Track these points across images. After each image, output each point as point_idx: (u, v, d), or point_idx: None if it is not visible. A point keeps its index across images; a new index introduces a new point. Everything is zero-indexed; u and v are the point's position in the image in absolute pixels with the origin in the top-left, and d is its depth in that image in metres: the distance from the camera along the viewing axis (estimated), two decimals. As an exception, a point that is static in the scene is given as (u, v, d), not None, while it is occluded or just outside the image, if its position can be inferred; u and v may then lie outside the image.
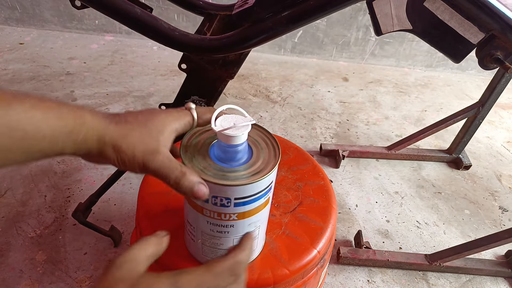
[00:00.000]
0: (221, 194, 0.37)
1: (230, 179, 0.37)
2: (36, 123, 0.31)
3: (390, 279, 0.92)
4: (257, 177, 0.37)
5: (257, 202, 0.40)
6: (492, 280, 0.95)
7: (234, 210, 0.39)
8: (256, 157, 0.40)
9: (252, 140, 0.42)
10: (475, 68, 1.87)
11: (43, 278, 0.84)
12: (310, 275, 0.56)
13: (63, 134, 0.32)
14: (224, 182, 0.37)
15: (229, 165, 0.39)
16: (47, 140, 0.32)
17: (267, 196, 0.42)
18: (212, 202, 0.39)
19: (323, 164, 1.24)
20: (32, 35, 1.77)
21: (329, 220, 0.59)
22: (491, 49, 0.59)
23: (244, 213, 0.40)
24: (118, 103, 1.41)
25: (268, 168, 0.38)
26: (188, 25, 1.78)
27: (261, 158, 0.40)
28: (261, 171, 0.38)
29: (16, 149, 0.31)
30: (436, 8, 0.58)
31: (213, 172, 0.38)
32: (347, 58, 1.88)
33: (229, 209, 0.39)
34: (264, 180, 0.38)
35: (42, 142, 0.32)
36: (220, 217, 0.40)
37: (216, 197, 0.38)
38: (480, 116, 1.16)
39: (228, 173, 0.38)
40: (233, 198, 0.38)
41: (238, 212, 0.40)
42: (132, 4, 0.62)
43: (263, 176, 0.37)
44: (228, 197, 0.38)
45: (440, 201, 1.16)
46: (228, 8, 0.71)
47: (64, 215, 0.98)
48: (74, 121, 0.33)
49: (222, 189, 0.37)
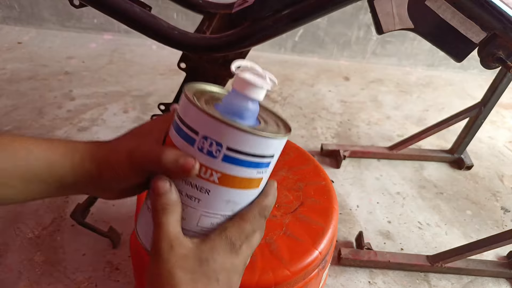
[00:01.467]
0: (213, 135, 0.30)
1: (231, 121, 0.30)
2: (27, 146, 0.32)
3: (392, 281, 0.92)
4: (264, 133, 0.31)
5: (250, 171, 0.32)
6: (494, 281, 0.94)
7: (220, 166, 0.31)
8: (263, 126, 0.34)
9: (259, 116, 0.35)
10: (477, 68, 1.86)
11: (41, 279, 0.83)
12: (312, 276, 0.56)
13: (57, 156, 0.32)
14: (224, 119, 0.29)
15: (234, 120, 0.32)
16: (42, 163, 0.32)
17: (263, 173, 0.34)
18: (198, 146, 0.30)
19: (324, 164, 1.23)
20: (31, 34, 1.77)
21: (330, 220, 0.59)
22: (493, 48, 0.58)
23: (229, 178, 0.32)
24: (117, 103, 1.40)
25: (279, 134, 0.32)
26: (188, 24, 1.77)
27: (268, 128, 0.34)
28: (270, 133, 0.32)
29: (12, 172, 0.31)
30: (438, 7, 0.57)
31: (212, 109, 0.31)
32: (348, 57, 1.87)
33: (215, 162, 0.31)
34: (271, 141, 0.31)
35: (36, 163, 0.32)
36: (199, 172, 0.31)
37: (206, 139, 0.30)
38: (482, 116, 1.15)
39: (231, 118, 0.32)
40: (225, 145, 0.30)
41: (223, 171, 0.31)
42: (131, 3, 0.61)
43: (270, 136, 0.31)
44: (220, 142, 0.30)
45: (442, 202, 1.15)
46: (227, 7, 0.70)
47: (62, 216, 0.97)
48: (65, 145, 0.33)
49: (218, 126, 0.29)
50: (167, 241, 0.31)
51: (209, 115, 0.29)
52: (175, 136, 0.32)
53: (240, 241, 0.33)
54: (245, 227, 0.33)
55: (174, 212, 0.32)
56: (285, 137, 0.33)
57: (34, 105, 1.35)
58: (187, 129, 0.31)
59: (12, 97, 1.38)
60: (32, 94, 1.40)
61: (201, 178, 0.32)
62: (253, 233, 0.34)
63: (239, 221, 0.33)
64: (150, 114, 0.79)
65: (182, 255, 0.31)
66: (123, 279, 0.85)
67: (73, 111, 1.34)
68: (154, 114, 0.78)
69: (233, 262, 0.33)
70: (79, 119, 1.31)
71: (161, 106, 0.78)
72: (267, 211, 0.35)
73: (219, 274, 0.32)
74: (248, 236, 0.34)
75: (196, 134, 0.30)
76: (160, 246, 0.31)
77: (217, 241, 0.32)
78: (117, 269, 0.86)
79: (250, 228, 0.34)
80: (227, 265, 0.32)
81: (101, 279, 0.84)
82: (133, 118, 1.33)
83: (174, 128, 0.33)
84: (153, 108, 1.38)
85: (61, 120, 1.29)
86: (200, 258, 0.31)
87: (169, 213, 0.31)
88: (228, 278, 0.32)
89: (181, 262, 0.31)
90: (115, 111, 1.36)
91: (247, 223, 0.33)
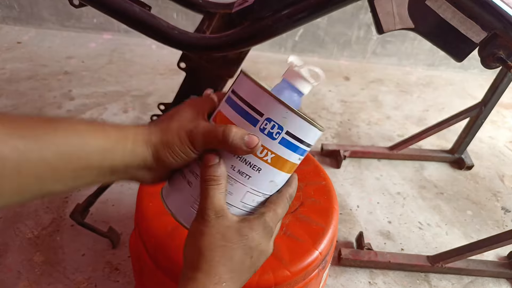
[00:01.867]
0: (277, 119, 0.33)
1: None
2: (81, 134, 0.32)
3: (392, 281, 0.91)
4: (318, 125, 0.35)
5: (295, 156, 0.36)
6: (494, 282, 0.94)
7: (276, 148, 0.34)
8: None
9: None
10: (478, 67, 1.86)
11: (41, 280, 0.83)
12: (312, 277, 0.55)
13: (110, 144, 0.33)
14: (290, 106, 0.32)
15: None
16: (95, 153, 0.32)
17: (300, 160, 0.37)
18: (260, 127, 0.33)
19: (324, 164, 1.23)
20: (30, 34, 1.76)
21: (330, 221, 0.58)
22: (494, 48, 0.58)
23: (280, 160, 0.35)
24: (117, 103, 1.40)
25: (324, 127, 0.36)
26: (188, 23, 1.77)
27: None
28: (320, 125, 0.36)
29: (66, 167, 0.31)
30: (438, 6, 0.57)
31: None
32: (348, 57, 1.87)
33: (273, 143, 0.34)
34: (319, 132, 0.35)
35: (90, 154, 0.32)
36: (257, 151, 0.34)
37: (270, 121, 0.33)
38: (482, 115, 1.15)
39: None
40: (286, 129, 0.33)
41: (277, 153, 0.34)
42: (130, 3, 0.61)
43: (321, 128, 0.35)
44: (282, 126, 0.33)
45: (442, 202, 1.15)
46: (227, 7, 0.70)
47: (62, 216, 0.97)
48: (116, 132, 0.34)
49: (284, 112, 0.33)
50: (214, 211, 0.34)
51: (278, 101, 0.32)
52: (234, 116, 0.34)
53: (275, 226, 0.37)
54: (278, 212, 0.36)
55: (221, 185, 0.34)
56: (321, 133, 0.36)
57: (33, 105, 1.34)
58: (251, 109, 0.33)
59: (11, 97, 1.37)
60: (32, 94, 1.40)
61: (257, 157, 0.34)
62: (281, 219, 0.38)
63: (273, 207, 0.36)
64: (150, 114, 0.79)
65: (226, 225, 0.34)
66: (122, 279, 0.85)
67: (73, 111, 1.34)
68: (154, 114, 0.78)
69: (268, 244, 0.36)
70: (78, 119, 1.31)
71: (160, 106, 0.78)
72: (292, 198, 0.39)
73: (253, 252, 0.35)
74: (280, 221, 0.38)
75: (261, 115, 0.33)
76: (207, 214, 0.34)
77: (256, 223, 0.35)
78: (116, 269, 0.86)
79: (281, 213, 0.37)
80: (262, 245, 0.35)
81: (101, 279, 0.84)
82: (133, 118, 1.33)
83: (232, 107, 0.35)
84: (153, 108, 1.38)
85: (61, 120, 1.29)
86: (241, 233, 0.34)
87: (217, 185, 0.34)
88: (258, 258, 0.36)
89: (224, 231, 0.34)
90: (114, 111, 1.36)
91: (279, 208, 0.37)
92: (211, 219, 0.34)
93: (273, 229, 0.36)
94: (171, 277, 0.52)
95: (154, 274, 0.54)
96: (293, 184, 0.39)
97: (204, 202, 0.34)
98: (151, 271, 0.54)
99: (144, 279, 0.61)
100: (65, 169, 0.31)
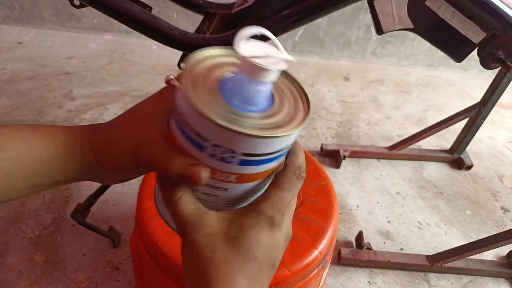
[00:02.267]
0: (225, 144, 0.27)
1: (243, 126, 0.26)
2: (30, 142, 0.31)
3: (391, 280, 0.92)
4: (280, 131, 0.27)
5: (268, 164, 0.30)
6: (493, 281, 0.94)
7: (236, 169, 0.28)
8: (278, 106, 0.30)
9: (275, 86, 0.31)
10: (477, 68, 1.86)
11: (41, 279, 0.83)
12: (311, 276, 0.56)
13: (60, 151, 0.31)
14: (236, 128, 0.26)
15: (243, 109, 0.28)
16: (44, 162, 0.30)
17: (281, 159, 0.31)
18: (209, 153, 0.27)
19: (324, 164, 1.23)
20: (31, 34, 1.77)
21: (330, 220, 0.59)
22: (493, 48, 0.58)
23: (247, 176, 0.29)
24: (117, 103, 1.40)
25: (295, 123, 0.28)
26: (188, 24, 1.77)
27: (284, 109, 0.30)
28: (285, 125, 0.28)
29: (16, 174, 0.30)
30: (438, 7, 0.57)
31: (221, 111, 0.27)
32: (348, 57, 1.87)
33: (231, 166, 0.28)
34: (287, 138, 0.28)
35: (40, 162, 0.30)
36: (214, 175, 0.29)
37: (218, 147, 0.27)
38: (481, 116, 1.15)
39: (241, 117, 0.27)
40: (240, 152, 0.27)
41: (240, 173, 0.29)
42: (131, 3, 0.61)
43: (286, 132, 0.27)
44: (233, 150, 0.27)
45: (441, 202, 1.15)
46: (228, 7, 0.70)
47: (62, 216, 0.97)
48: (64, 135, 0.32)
49: (230, 136, 0.26)
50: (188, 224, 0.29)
51: (217, 124, 0.25)
52: (180, 137, 0.29)
53: (281, 214, 0.30)
54: (285, 197, 0.30)
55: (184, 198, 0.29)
56: (304, 123, 0.29)
57: (34, 105, 1.35)
58: (194, 134, 0.27)
59: (12, 97, 1.38)
60: (32, 94, 1.40)
61: (217, 180, 0.29)
62: (292, 200, 0.32)
63: (276, 192, 0.30)
64: (150, 114, 0.78)
65: (209, 234, 0.29)
66: (123, 279, 0.85)
67: (74, 111, 1.34)
68: None
69: (273, 237, 0.30)
70: (79, 119, 1.31)
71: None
72: (302, 171, 0.32)
73: (256, 251, 0.29)
74: (288, 205, 0.31)
75: (205, 141, 0.27)
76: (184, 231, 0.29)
77: (246, 218, 0.29)
78: (117, 269, 0.87)
79: (290, 196, 0.31)
80: (264, 241, 0.29)
81: (101, 279, 0.84)
82: (133, 118, 1.33)
83: (177, 127, 0.29)
84: (153, 108, 1.38)
85: (62, 120, 1.30)
86: (228, 237, 0.29)
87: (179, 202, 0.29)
88: (269, 254, 0.30)
89: (209, 243, 0.28)
90: (115, 111, 1.36)
91: (285, 192, 0.31)
92: (190, 233, 0.29)
93: (278, 218, 0.30)
94: (171, 277, 0.53)
95: (154, 274, 0.55)
96: (299, 153, 0.33)
97: (175, 218, 0.30)
98: (152, 271, 0.55)
99: (145, 279, 0.61)
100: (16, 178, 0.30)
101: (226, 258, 0.28)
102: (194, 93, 0.27)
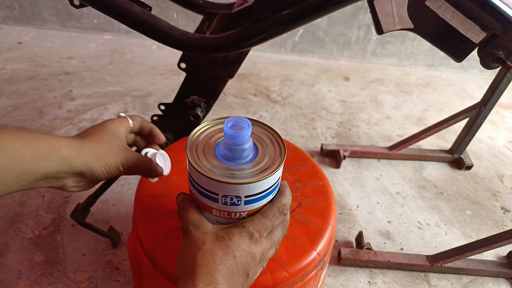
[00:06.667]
0: (231, 193, 0.38)
1: (239, 178, 0.38)
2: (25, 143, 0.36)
3: (391, 280, 0.92)
4: (266, 174, 0.39)
5: (267, 198, 0.42)
6: (493, 281, 0.94)
7: (244, 208, 0.40)
8: (262, 154, 0.41)
9: (256, 137, 0.43)
10: (477, 68, 1.86)
11: (41, 279, 0.83)
12: (310, 277, 0.55)
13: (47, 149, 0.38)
14: (234, 181, 0.37)
15: (236, 163, 0.40)
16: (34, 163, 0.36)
17: (276, 190, 0.43)
18: (222, 202, 0.40)
19: (324, 164, 1.23)
20: (31, 34, 1.77)
21: (328, 221, 0.58)
22: (493, 48, 0.58)
23: (253, 210, 0.41)
24: (117, 103, 1.40)
25: (276, 165, 0.40)
26: (188, 24, 1.77)
27: (267, 155, 0.41)
28: (268, 168, 0.39)
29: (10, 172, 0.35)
30: (438, 7, 0.57)
31: (221, 171, 0.39)
32: (348, 57, 1.87)
33: (239, 207, 0.40)
34: (273, 176, 0.39)
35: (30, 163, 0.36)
36: (230, 216, 0.41)
37: (226, 196, 0.39)
38: (482, 116, 1.15)
39: (236, 171, 0.39)
40: (243, 196, 0.39)
41: (248, 209, 0.41)
42: (131, 3, 0.61)
43: (271, 173, 0.39)
44: (238, 196, 0.39)
45: (441, 202, 1.15)
46: (228, 7, 0.70)
47: (62, 216, 0.97)
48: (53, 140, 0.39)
49: (233, 187, 0.38)
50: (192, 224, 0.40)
51: (222, 182, 0.37)
52: (199, 196, 0.41)
53: (259, 233, 0.39)
54: (264, 223, 0.40)
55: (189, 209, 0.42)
56: (283, 163, 0.40)
57: (34, 105, 1.35)
58: (208, 192, 0.40)
59: (12, 97, 1.38)
60: (32, 94, 1.40)
61: (234, 219, 0.42)
62: (274, 229, 0.42)
63: (259, 217, 0.41)
64: (150, 114, 0.79)
65: (204, 232, 0.39)
66: (123, 279, 0.85)
67: (73, 111, 1.34)
68: (154, 114, 0.79)
69: (251, 247, 0.38)
70: (79, 119, 1.31)
71: (161, 106, 0.78)
72: (285, 209, 0.42)
73: (235, 251, 0.37)
74: (268, 230, 0.41)
75: (217, 194, 0.39)
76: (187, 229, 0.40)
77: (233, 227, 0.40)
78: (117, 269, 0.87)
79: (269, 224, 0.40)
80: (243, 246, 0.38)
81: (101, 279, 0.84)
82: (133, 118, 1.33)
83: (195, 191, 0.42)
84: (153, 108, 1.38)
85: (61, 120, 1.30)
86: (218, 235, 0.38)
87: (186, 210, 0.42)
88: (245, 260, 0.38)
89: (203, 237, 0.38)
90: (115, 111, 1.36)
91: (266, 219, 0.40)
92: (191, 230, 0.40)
93: (257, 235, 0.39)
94: (169, 279, 0.53)
95: (152, 276, 0.54)
96: (285, 193, 0.43)
97: (182, 222, 0.42)
98: (150, 273, 0.54)
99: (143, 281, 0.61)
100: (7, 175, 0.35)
101: (212, 250, 0.37)
102: (199, 162, 0.39)
